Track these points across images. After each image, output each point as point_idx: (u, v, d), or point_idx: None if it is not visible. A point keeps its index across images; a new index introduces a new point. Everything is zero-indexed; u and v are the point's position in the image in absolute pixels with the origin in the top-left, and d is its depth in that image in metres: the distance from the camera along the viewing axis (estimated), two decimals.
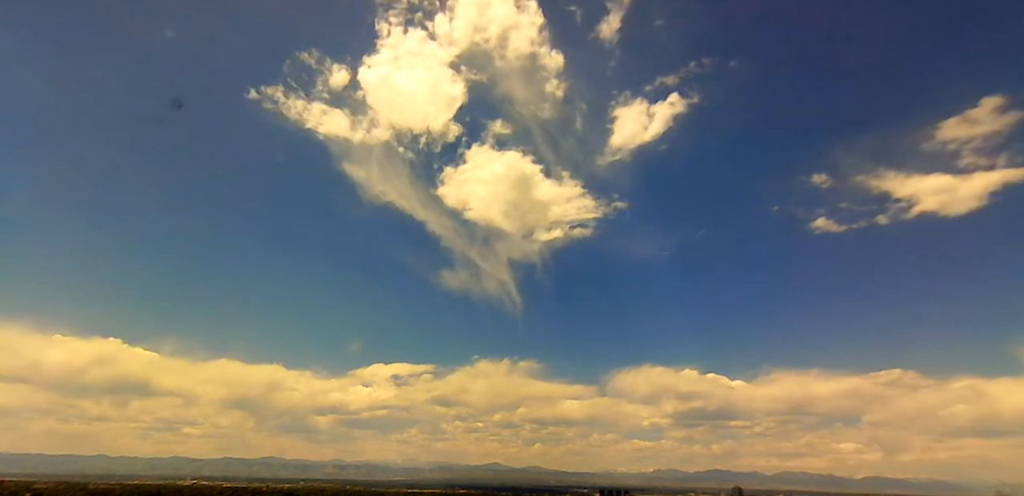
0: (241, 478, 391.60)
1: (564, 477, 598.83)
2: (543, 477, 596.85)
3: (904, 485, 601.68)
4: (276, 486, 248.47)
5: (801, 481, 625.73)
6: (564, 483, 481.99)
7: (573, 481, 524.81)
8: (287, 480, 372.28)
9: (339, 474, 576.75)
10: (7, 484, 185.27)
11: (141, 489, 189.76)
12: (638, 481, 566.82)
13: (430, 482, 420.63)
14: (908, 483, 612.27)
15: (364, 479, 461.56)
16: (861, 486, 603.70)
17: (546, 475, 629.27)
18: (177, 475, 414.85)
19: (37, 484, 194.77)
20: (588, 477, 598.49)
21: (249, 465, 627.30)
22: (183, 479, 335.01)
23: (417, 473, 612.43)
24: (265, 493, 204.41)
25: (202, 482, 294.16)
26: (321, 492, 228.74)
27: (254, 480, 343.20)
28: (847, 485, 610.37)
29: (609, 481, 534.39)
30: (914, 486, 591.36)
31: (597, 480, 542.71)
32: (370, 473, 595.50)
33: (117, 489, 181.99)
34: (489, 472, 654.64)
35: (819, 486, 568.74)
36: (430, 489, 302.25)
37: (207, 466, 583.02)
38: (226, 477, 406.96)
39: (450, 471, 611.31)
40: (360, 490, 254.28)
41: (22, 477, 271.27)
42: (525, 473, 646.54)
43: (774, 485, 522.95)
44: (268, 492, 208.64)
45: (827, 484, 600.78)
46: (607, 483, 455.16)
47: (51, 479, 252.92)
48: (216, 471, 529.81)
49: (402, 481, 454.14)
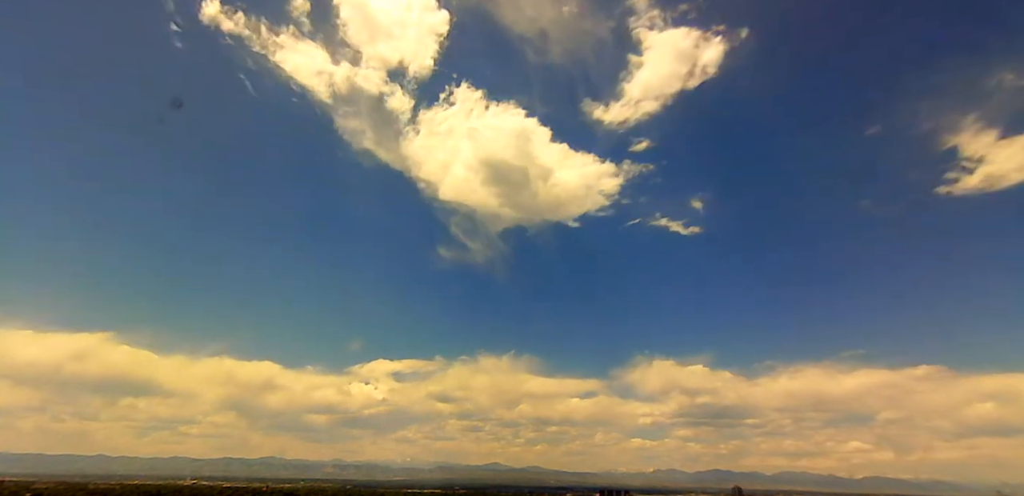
0: (241, 478, 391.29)
1: (564, 477, 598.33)
2: (543, 477, 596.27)
3: (905, 485, 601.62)
4: (276, 486, 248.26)
5: (801, 481, 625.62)
6: (564, 483, 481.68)
7: (573, 481, 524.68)
8: (287, 480, 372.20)
9: (339, 474, 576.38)
10: (7, 484, 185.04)
11: (141, 489, 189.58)
12: (638, 481, 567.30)
13: (430, 482, 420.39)
14: (909, 483, 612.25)
15: (364, 479, 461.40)
16: (861, 486, 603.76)
17: (546, 475, 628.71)
18: (177, 475, 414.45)
19: (37, 484, 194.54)
20: (589, 477, 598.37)
21: (249, 465, 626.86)
22: (183, 479, 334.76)
23: (417, 473, 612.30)
24: (265, 493, 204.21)
25: (202, 482, 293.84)
26: (321, 492, 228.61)
27: (254, 480, 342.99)
28: (847, 485, 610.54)
29: (609, 481, 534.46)
30: (915, 486, 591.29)
31: (597, 480, 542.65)
32: (370, 473, 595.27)
33: (117, 489, 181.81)
34: (489, 472, 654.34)
35: (819, 486, 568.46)
36: (430, 489, 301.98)
37: (207, 466, 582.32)
38: (226, 477, 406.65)
39: (450, 471, 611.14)
40: (360, 490, 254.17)
41: (22, 477, 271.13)
42: (525, 473, 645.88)
43: (774, 485, 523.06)
44: (268, 492, 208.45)
45: (828, 484, 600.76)
46: (607, 483, 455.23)
47: (51, 479, 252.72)
48: (216, 471, 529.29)
49: (402, 481, 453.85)
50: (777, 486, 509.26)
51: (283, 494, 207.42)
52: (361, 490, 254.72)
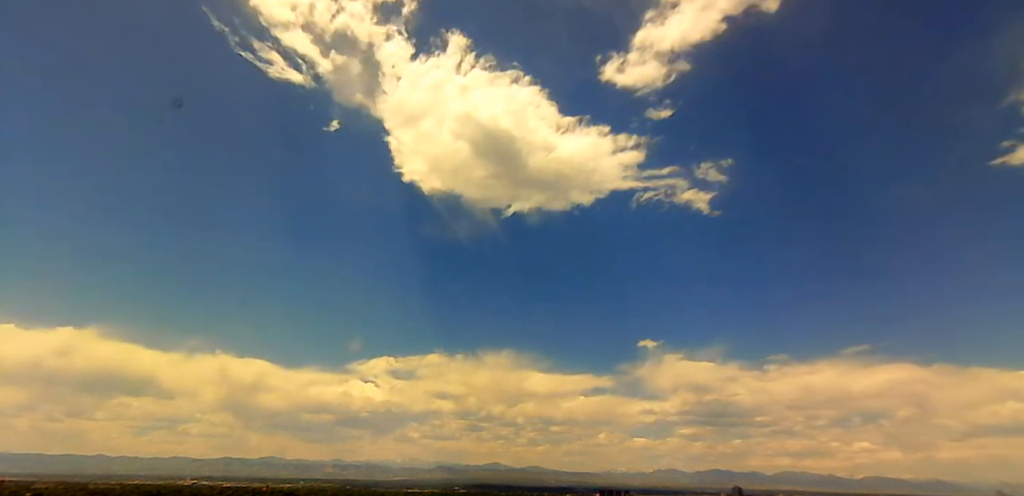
0: (241, 478, 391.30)
1: (564, 477, 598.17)
2: (544, 477, 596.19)
3: (905, 485, 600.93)
4: (276, 486, 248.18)
5: (801, 481, 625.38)
6: (564, 483, 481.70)
7: (573, 481, 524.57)
8: (287, 480, 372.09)
9: (339, 474, 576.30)
10: (7, 484, 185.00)
11: (141, 489, 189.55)
12: (638, 481, 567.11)
13: (430, 482, 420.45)
14: (910, 483, 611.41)
15: (364, 479, 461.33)
16: (861, 486, 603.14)
17: (547, 475, 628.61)
18: (177, 475, 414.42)
19: (37, 484, 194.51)
20: (589, 477, 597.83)
21: (249, 465, 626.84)
22: (183, 479, 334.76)
23: (417, 473, 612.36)
24: (265, 493, 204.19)
25: (202, 482, 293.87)
26: (321, 492, 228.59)
27: (254, 480, 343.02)
28: (848, 485, 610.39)
29: (609, 481, 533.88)
30: (915, 486, 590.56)
31: (597, 480, 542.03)
32: (370, 473, 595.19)
33: (117, 489, 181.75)
34: (489, 472, 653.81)
35: (820, 486, 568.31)
36: (430, 489, 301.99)
37: (207, 466, 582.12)
38: (226, 477, 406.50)
39: (450, 471, 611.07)
40: (360, 490, 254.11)
41: (22, 477, 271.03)
42: (525, 473, 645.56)
43: (774, 485, 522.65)
44: (268, 492, 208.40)
45: (827, 484, 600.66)
46: (607, 483, 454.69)
47: (51, 479, 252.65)
48: (216, 471, 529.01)
49: (402, 481, 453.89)
50: (777, 486, 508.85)
51: (283, 494, 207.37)
52: (361, 490, 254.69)
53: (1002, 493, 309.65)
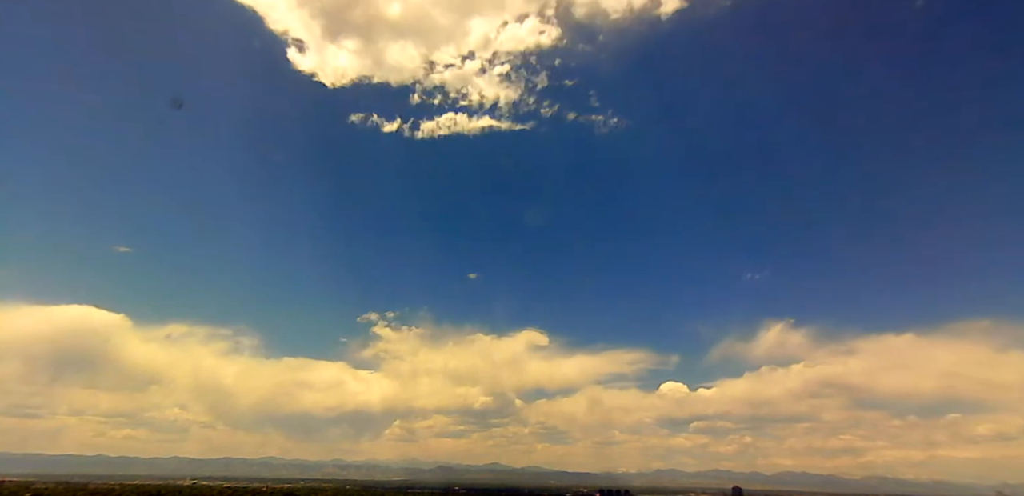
0: (241, 478, 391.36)
1: (564, 477, 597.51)
2: (543, 477, 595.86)
3: (906, 485, 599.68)
4: (276, 486, 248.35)
5: (801, 481, 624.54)
6: (564, 483, 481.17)
7: (573, 481, 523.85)
8: (287, 480, 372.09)
9: (339, 474, 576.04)
10: (7, 484, 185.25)
11: (141, 489, 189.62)
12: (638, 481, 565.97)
13: (430, 482, 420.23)
14: (910, 483, 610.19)
15: (364, 479, 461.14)
16: (862, 487, 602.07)
17: (546, 475, 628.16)
18: (177, 475, 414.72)
19: (37, 484, 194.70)
20: (589, 477, 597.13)
21: (249, 465, 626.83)
22: (183, 479, 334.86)
23: (417, 473, 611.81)
24: (265, 493, 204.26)
25: (202, 482, 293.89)
26: (321, 492, 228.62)
27: (254, 480, 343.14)
28: (848, 486, 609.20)
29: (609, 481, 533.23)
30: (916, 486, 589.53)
31: (597, 481, 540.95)
32: (370, 473, 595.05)
33: (117, 489, 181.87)
34: (489, 472, 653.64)
35: (820, 486, 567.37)
36: (430, 489, 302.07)
37: (207, 466, 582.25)
38: (226, 477, 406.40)
39: (450, 471, 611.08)
40: (359, 490, 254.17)
41: (22, 477, 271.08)
42: (525, 473, 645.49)
43: (774, 485, 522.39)
44: (268, 492, 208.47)
45: (828, 484, 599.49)
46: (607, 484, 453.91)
47: (51, 479, 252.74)
48: (216, 471, 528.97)
49: (402, 481, 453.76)
50: (777, 486, 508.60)
51: (283, 494, 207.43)
52: (360, 490, 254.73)
53: (1002, 494, 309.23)
